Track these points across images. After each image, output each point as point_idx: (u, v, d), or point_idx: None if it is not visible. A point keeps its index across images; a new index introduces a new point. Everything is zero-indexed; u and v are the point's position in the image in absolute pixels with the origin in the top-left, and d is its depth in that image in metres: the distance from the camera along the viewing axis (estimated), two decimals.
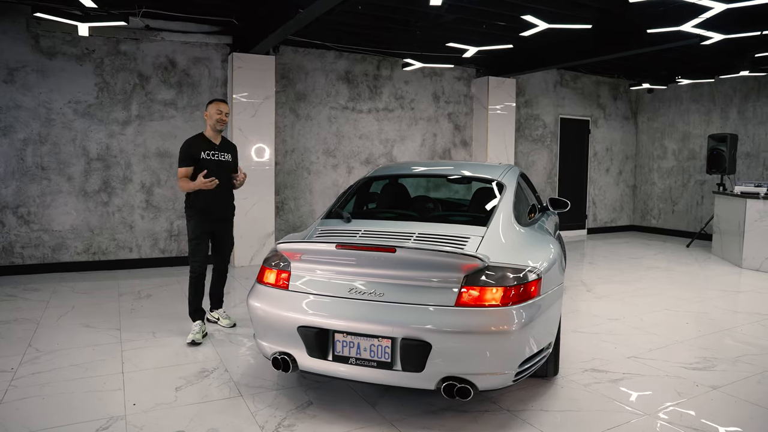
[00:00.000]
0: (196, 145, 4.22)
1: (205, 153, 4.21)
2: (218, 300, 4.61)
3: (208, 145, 4.27)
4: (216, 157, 4.26)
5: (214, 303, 4.62)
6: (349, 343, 2.79)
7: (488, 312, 2.69)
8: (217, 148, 4.31)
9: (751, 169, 9.26)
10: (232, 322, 4.57)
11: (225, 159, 4.33)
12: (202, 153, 4.19)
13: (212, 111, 4.24)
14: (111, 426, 2.84)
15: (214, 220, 4.33)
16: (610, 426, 2.90)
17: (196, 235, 4.22)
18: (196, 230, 4.22)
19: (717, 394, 3.33)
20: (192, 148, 4.19)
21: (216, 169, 4.21)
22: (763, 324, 4.79)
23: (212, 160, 4.23)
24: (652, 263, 7.72)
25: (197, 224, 4.22)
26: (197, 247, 4.22)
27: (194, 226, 4.23)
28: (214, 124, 4.25)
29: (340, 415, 3.00)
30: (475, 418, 2.98)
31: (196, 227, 4.22)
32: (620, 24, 6.53)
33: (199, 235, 4.22)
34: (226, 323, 4.54)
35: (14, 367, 3.59)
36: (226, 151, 4.37)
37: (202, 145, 4.24)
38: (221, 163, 4.29)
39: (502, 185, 3.69)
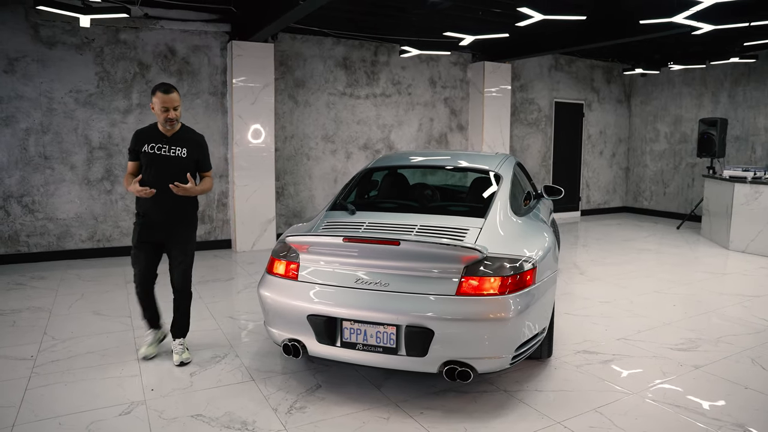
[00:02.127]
0: (142, 136, 3.55)
1: (148, 146, 3.49)
2: (178, 328, 3.75)
3: (155, 136, 3.54)
4: (162, 152, 3.50)
5: (173, 330, 3.75)
6: (357, 330, 2.97)
7: (487, 301, 2.87)
8: (167, 140, 3.53)
9: (740, 153, 9.45)
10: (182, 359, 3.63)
11: (175, 155, 3.54)
12: (145, 146, 3.50)
13: (156, 106, 3.43)
14: (133, 410, 3.03)
15: (157, 229, 3.60)
16: (601, 404, 3.11)
17: (134, 243, 3.64)
18: (135, 238, 3.64)
19: (699, 373, 3.55)
20: (136, 139, 3.55)
21: (162, 166, 3.50)
22: (745, 305, 5.01)
23: (156, 155, 3.50)
24: (644, 245, 7.94)
25: (136, 231, 3.63)
26: (135, 257, 3.64)
27: (136, 233, 3.63)
28: (162, 123, 3.49)
29: (348, 397, 3.19)
30: (475, 398, 3.18)
31: (135, 234, 3.64)
32: (614, 14, 6.63)
33: (137, 245, 3.61)
34: (176, 359, 3.62)
35: (33, 355, 3.76)
36: (179, 144, 3.56)
37: (148, 137, 3.54)
38: (170, 159, 3.52)
39: (498, 176, 3.84)
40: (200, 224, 7.37)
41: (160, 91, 3.44)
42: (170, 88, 3.46)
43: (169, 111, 3.44)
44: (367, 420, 2.93)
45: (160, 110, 3.43)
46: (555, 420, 2.94)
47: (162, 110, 3.42)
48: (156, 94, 3.44)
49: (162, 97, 3.41)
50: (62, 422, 2.89)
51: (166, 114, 3.43)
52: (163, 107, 3.42)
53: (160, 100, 3.41)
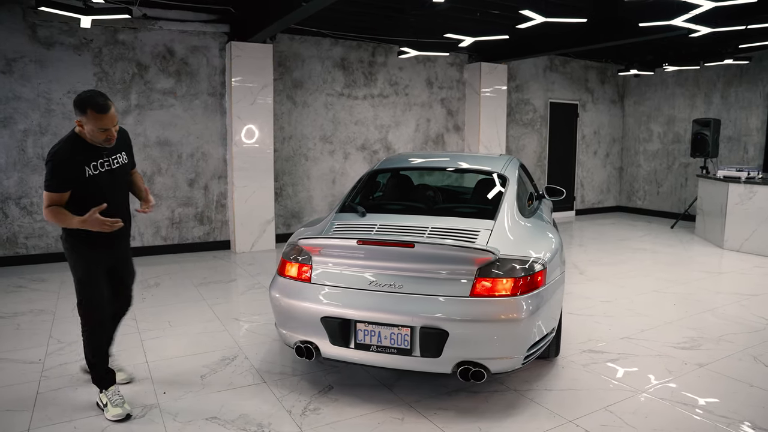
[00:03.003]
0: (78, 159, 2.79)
1: (91, 167, 2.83)
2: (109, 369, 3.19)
3: (91, 153, 2.84)
4: (107, 167, 2.90)
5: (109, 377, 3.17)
6: (371, 332, 2.99)
7: (500, 302, 2.91)
8: (107, 151, 2.91)
9: (732, 153, 9.59)
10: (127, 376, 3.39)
11: (120, 163, 2.98)
12: (87, 169, 2.81)
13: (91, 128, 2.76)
14: (147, 414, 3.03)
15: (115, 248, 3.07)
16: (610, 402, 3.16)
17: (90, 276, 2.94)
18: (91, 269, 2.94)
19: (703, 371, 3.61)
20: (69, 165, 2.77)
21: (111, 182, 2.93)
22: (743, 304, 5.10)
23: (103, 174, 2.88)
24: (639, 245, 8.04)
25: (90, 259, 2.94)
26: (96, 291, 2.97)
27: (85, 262, 2.93)
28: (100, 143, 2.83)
29: (361, 398, 3.21)
30: (486, 398, 3.22)
31: (89, 264, 2.94)
32: (613, 16, 6.71)
33: (96, 276, 2.97)
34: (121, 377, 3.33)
35: (41, 359, 3.74)
36: (118, 150, 2.98)
37: (84, 156, 2.81)
38: (114, 172, 2.94)
39: (504, 178, 3.88)
40: (199, 225, 7.36)
41: (93, 110, 2.72)
42: (107, 103, 2.76)
43: (110, 131, 2.80)
44: (382, 420, 2.96)
45: (99, 131, 2.76)
46: (567, 419, 2.98)
47: (101, 131, 2.76)
48: (87, 113, 2.72)
49: (99, 118, 2.73)
50: (77, 426, 2.88)
51: (107, 134, 2.80)
52: (102, 128, 2.76)
53: (97, 121, 2.73)
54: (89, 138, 2.81)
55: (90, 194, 2.84)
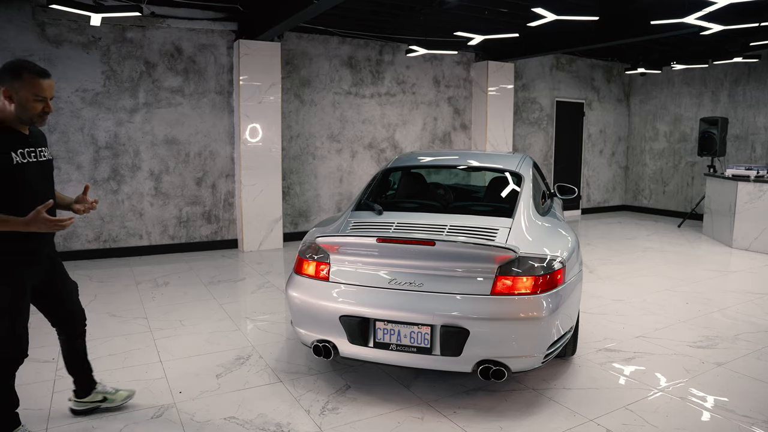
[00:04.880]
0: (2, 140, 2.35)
1: (18, 154, 2.38)
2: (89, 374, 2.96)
3: (17, 137, 2.42)
4: (35, 157, 2.46)
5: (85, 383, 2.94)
6: (390, 330, 2.97)
7: (521, 300, 2.89)
8: (32, 142, 2.49)
9: (740, 152, 9.56)
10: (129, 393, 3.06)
11: (46, 157, 2.55)
12: (14, 155, 2.36)
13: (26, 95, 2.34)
14: (164, 414, 3.01)
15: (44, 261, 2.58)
16: (630, 401, 3.14)
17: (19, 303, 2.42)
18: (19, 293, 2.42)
19: (721, 370, 3.59)
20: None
21: (41, 177, 2.50)
22: (756, 303, 5.08)
23: (32, 164, 2.43)
24: (647, 244, 8.01)
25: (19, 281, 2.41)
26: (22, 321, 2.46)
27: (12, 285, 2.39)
28: (32, 118, 2.41)
29: (379, 397, 3.19)
30: (505, 397, 3.20)
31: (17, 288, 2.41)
32: (623, 14, 6.68)
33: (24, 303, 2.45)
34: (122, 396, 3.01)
35: (55, 357, 3.72)
36: (40, 144, 2.56)
37: (7, 140, 2.37)
38: (44, 165, 2.52)
39: (520, 176, 3.86)
40: (207, 224, 7.34)
41: (31, 72, 2.35)
42: (43, 69, 2.40)
43: (47, 102, 2.41)
44: (401, 420, 2.93)
45: (35, 100, 2.36)
46: (587, 417, 2.96)
47: (38, 100, 2.37)
48: (23, 76, 2.33)
49: (38, 82, 2.36)
50: (95, 425, 2.86)
51: (44, 105, 2.40)
52: (40, 96, 2.37)
53: (36, 86, 2.35)
54: (14, 116, 2.36)
55: (19, 188, 2.35)
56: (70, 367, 2.91)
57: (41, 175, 2.49)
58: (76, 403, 2.97)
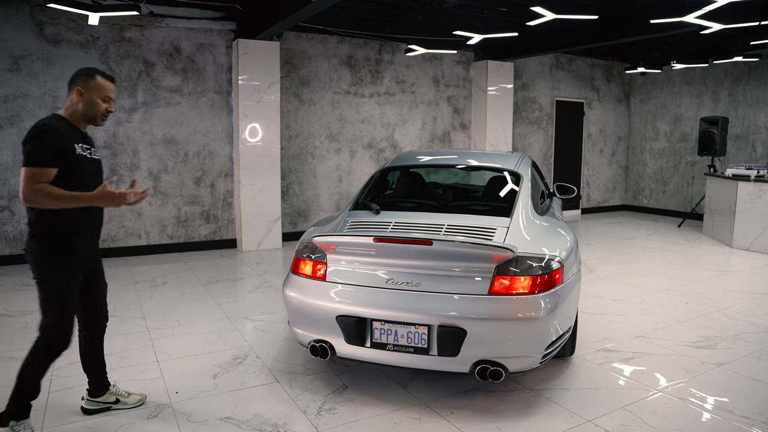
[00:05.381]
0: (66, 134, 2.58)
1: (79, 147, 2.63)
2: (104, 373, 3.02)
3: (77, 135, 2.66)
4: (89, 154, 2.71)
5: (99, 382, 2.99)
6: (387, 330, 2.95)
7: (518, 300, 2.87)
8: (88, 140, 2.76)
9: (740, 151, 9.54)
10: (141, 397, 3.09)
11: (98, 157, 2.84)
12: (75, 147, 2.60)
13: (95, 95, 2.64)
14: (160, 414, 2.99)
15: (92, 252, 2.80)
16: (628, 402, 3.12)
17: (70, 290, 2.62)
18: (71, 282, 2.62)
19: (721, 371, 3.57)
20: (59, 137, 2.53)
21: (95, 174, 2.75)
22: (756, 303, 5.06)
23: (89, 160, 2.69)
24: (647, 244, 7.99)
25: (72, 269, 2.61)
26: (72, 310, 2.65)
27: (66, 273, 2.59)
28: (96, 116, 2.68)
29: (376, 397, 3.18)
30: (503, 397, 3.18)
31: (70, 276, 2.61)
32: (622, 13, 6.66)
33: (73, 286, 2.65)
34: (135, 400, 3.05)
35: None
36: (93, 145, 2.81)
37: (71, 135, 2.61)
38: (96, 162, 2.78)
39: (518, 175, 3.84)
40: (206, 223, 7.33)
41: (101, 75, 2.67)
42: (112, 76, 2.77)
43: (111, 103, 2.71)
44: (398, 420, 2.92)
45: (102, 99, 2.65)
46: (585, 418, 2.94)
47: (103, 100, 2.66)
48: (96, 78, 2.64)
49: (107, 84, 2.66)
50: (90, 426, 2.85)
51: (108, 105, 2.69)
52: (107, 96, 2.67)
53: (105, 88, 2.65)
54: (80, 113, 2.64)
55: (78, 176, 2.56)
56: (87, 364, 2.97)
57: (93, 171, 2.74)
58: (89, 402, 2.97)
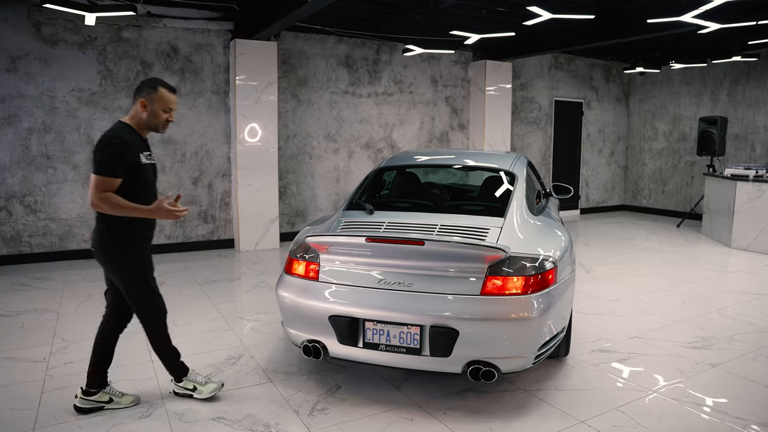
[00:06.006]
0: (133, 145, 2.79)
1: (143, 156, 2.85)
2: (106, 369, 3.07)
3: (141, 143, 2.89)
4: (150, 160, 2.93)
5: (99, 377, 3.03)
6: (380, 330, 2.95)
7: (511, 300, 2.87)
8: (149, 146, 2.99)
9: (739, 151, 9.52)
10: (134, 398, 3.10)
11: (155, 161, 3.07)
12: (141, 156, 2.82)
13: (158, 106, 2.85)
14: (152, 413, 2.99)
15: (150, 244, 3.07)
16: (622, 403, 3.11)
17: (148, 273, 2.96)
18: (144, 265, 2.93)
19: (716, 371, 3.56)
20: (127, 149, 2.75)
21: (153, 178, 2.98)
22: (753, 303, 5.05)
23: (149, 166, 2.92)
24: (645, 244, 7.98)
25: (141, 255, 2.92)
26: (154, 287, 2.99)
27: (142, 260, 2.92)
28: (157, 126, 2.91)
29: (368, 398, 3.17)
30: (496, 398, 3.17)
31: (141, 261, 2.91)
32: (620, 13, 6.65)
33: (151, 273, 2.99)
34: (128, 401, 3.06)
35: (46, 357, 3.71)
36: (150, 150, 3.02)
37: (136, 144, 2.83)
38: (155, 167, 3.03)
39: (513, 175, 3.83)
40: (203, 224, 7.33)
41: (164, 87, 2.88)
42: (174, 87, 2.98)
43: (172, 113, 2.93)
44: (390, 421, 2.91)
45: (163, 110, 2.86)
46: (578, 419, 2.94)
47: (165, 111, 2.87)
48: (159, 90, 2.85)
49: (169, 96, 2.88)
50: (82, 426, 2.85)
51: (168, 116, 2.91)
52: (168, 108, 2.89)
53: (167, 99, 2.87)
54: (144, 122, 2.87)
55: (141, 184, 2.82)
56: (96, 356, 3.02)
57: (153, 176, 2.96)
58: (82, 400, 2.97)
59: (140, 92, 2.86)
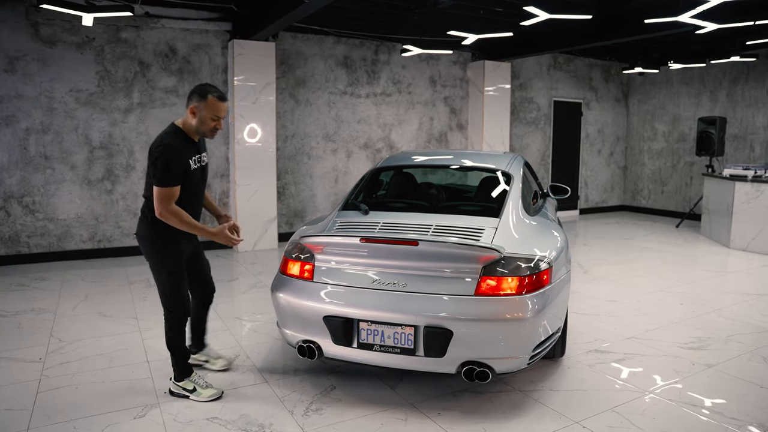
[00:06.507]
0: (182, 151, 2.93)
1: (192, 161, 3.01)
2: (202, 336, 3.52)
3: (190, 147, 3.01)
4: (200, 163, 3.10)
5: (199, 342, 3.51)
6: (374, 331, 2.94)
7: (505, 301, 2.86)
8: (200, 147, 3.12)
9: (738, 151, 9.51)
10: (227, 362, 3.53)
11: (207, 162, 3.21)
12: (190, 162, 2.98)
13: (206, 114, 2.93)
14: (147, 413, 2.99)
15: (193, 240, 3.23)
16: (617, 403, 3.11)
17: (179, 267, 3.08)
18: (177, 260, 3.07)
19: (712, 372, 3.56)
20: (179, 156, 2.90)
21: (200, 179, 3.13)
22: (751, 303, 5.04)
23: (197, 170, 3.06)
24: (644, 244, 7.97)
25: (179, 250, 3.06)
26: (184, 282, 3.12)
27: (175, 254, 3.04)
28: (205, 132, 3.01)
29: (363, 398, 3.17)
30: (491, 398, 3.17)
31: (177, 255, 3.06)
32: (617, 13, 6.65)
33: (183, 267, 3.12)
34: (221, 364, 3.50)
35: (42, 357, 3.71)
36: (203, 150, 3.17)
37: (187, 150, 2.97)
38: (204, 168, 3.16)
39: (509, 175, 3.83)
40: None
41: (214, 95, 2.92)
42: (224, 94, 3.04)
43: (220, 121, 3.00)
44: (385, 421, 2.91)
45: (211, 119, 2.94)
46: (573, 420, 2.93)
47: (213, 119, 2.95)
48: (208, 98, 2.90)
49: (218, 104, 2.94)
50: (77, 426, 2.85)
51: (217, 123, 2.98)
52: (216, 116, 2.95)
53: (215, 108, 2.93)
54: (194, 128, 2.97)
55: (184, 186, 2.95)
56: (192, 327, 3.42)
57: (201, 177, 3.10)
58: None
59: (191, 99, 2.94)
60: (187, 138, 3.00)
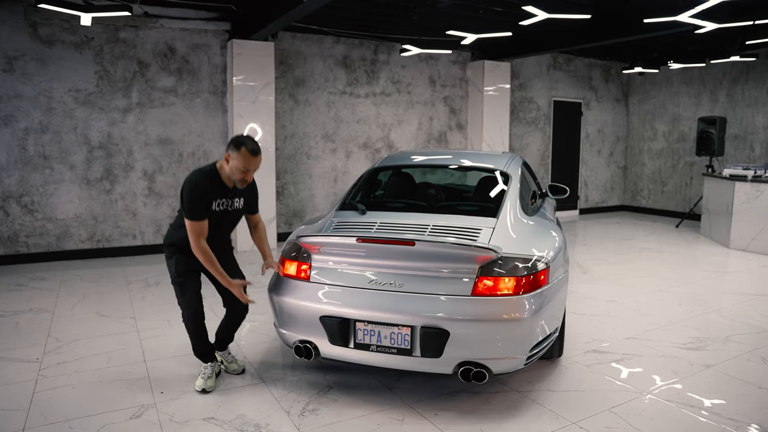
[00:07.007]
0: (209, 191, 3.06)
1: (215, 204, 3.11)
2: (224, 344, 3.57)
3: (219, 189, 3.12)
4: (224, 207, 3.17)
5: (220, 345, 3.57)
6: (370, 331, 2.94)
7: (502, 301, 2.86)
8: (230, 193, 3.19)
9: (738, 151, 9.50)
10: (240, 367, 3.54)
11: (237, 207, 3.27)
12: (213, 203, 3.10)
13: (237, 164, 3.00)
14: (143, 414, 2.99)
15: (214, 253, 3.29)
16: (614, 404, 3.10)
17: (180, 276, 3.23)
18: (179, 270, 3.23)
19: (710, 372, 3.55)
20: (204, 195, 3.04)
21: (220, 221, 3.19)
22: (750, 304, 5.03)
23: (218, 213, 3.15)
24: (644, 244, 7.96)
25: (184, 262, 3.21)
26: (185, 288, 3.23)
27: (176, 265, 3.24)
28: (235, 181, 3.10)
29: (360, 398, 3.16)
30: (488, 399, 3.16)
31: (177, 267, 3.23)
32: (617, 12, 6.63)
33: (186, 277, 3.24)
34: (233, 369, 3.52)
35: (39, 357, 3.71)
36: (241, 194, 3.27)
37: (215, 192, 3.10)
38: (229, 212, 3.22)
39: (507, 175, 3.82)
40: None
41: (247, 148, 2.99)
42: (258, 148, 3.07)
43: (249, 173, 3.06)
44: (381, 422, 2.90)
45: (240, 170, 3.01)
46: (570, 420, 2.92)
47: (242, 171, 3.02)
48: (241, 150, 2.98)
49: (249, 158, 2.99)
50: (73, 426, 2.84)
51: (245, 175, 3.05)
52: (245, 168, 3.02)
53: (246, 160, 2.99)
54: (226, 174, 3.10)
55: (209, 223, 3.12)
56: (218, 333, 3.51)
57: (223, 219, 3.21)
58: None
59: (228, 147, 3.07)
60: (220, 181, 3.12)
